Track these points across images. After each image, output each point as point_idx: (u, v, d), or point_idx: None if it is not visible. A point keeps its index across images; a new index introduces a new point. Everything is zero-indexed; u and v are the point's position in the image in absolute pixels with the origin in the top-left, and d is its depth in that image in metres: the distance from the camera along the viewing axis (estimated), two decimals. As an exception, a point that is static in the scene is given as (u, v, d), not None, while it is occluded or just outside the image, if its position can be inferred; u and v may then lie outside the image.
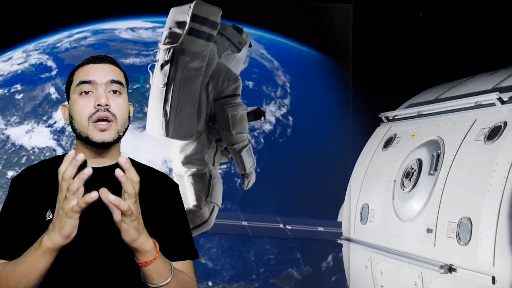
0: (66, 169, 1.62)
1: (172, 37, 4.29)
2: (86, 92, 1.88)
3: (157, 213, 1.94)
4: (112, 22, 9.62)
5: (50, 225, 1.66)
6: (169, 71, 4.30)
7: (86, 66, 1.92)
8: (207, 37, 4.30)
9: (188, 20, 4.27)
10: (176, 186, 2.08)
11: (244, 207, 9.40)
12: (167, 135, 4.43)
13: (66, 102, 1.99)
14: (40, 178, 1.93)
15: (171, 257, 1.90)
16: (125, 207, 1.62)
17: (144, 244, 1.72)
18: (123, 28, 10.02)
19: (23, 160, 8.86)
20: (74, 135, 1.96)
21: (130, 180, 1.63)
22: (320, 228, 8.14)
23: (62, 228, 1.63)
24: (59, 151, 9.07)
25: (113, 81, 1.90)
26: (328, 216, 7.32)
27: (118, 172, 1.61)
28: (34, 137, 9.14)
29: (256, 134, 9.80)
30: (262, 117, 4.87)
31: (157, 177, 2.06)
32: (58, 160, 1.96)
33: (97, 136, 1.87)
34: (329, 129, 8.61)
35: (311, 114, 9.14)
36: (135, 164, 1.99)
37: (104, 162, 1.95)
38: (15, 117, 9.20)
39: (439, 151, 3.86)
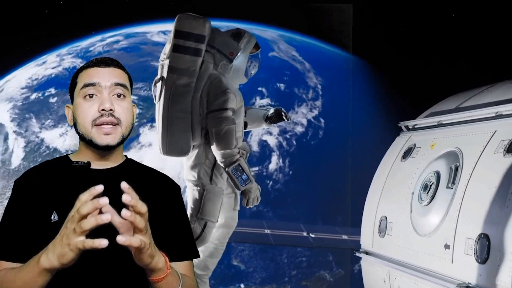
0: (85, 205, 1.51)
1: (165, 53, 4.25)
2: (91, 96, 1.85)
3: (158, 214, 1.86)
4: (144, 25, 9.73)
5: (50, 245, 1.59)
6: (160, 88, 4.25)
7: (90, 69, 1.89)
8: (193, 52, 4.15)
9: (171, 36, 4.17)
10: (177, 187, 2.02)
11: (276, 209, 9.39)
12: (161, 153, 4.37)
13: (70, 103, 1.95)
14: (44, 179, 1.89)
15: (172, 258, 1.83)
16: (137, 244, 1.55)
17: (157, 264, 1.66)
18: (155, 31, 10.12)
19: (57, 163, 8.99)
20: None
21: (138, 214, 1.54)
22: (345, 237, 8.04)
23: (63, 256, 1.57)
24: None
25: (117, 84, 1.88)
26: (356, 223, 7.20)
27: (124, 213, 1.50)
28: (68, 140, 9.28)
29: (288, 136, 9.77)
30: (284, 116, 4.67)
31: (159, 178, 2.01)
32: (61, 160, 1.97)
33: (101, 140, 1.84)
34: (362, 132, 8.49)
35: (343, 117, 9.03)
36: (137, 166, 2.01)
37: (107, 164, 1.92)
38: (49, 120, 9.37)
39: (458, 164, 3.71)
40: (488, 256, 3.21)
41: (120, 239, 1.52)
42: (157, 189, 1.95)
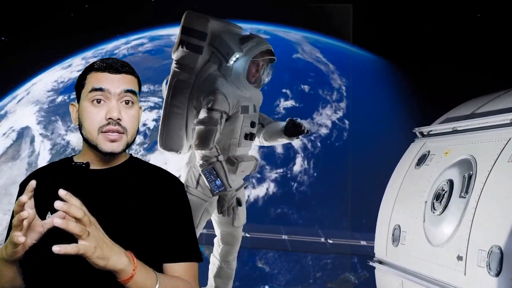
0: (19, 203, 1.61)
1: None
2: (98, 101, 1.82)
3: (161, 213, 1.87)
4: (168, 28, 9.74)
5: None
6: (168, 83, 4.28)
7: (100, 74, 1.85)
8: (196, 49, 4.16)
9: (179, 32, 4.22)
10: (181, 186, 1.99)
11: (300, 211, 9.35)
12: (159, 146, 4.37)
13: (76, 102, 1.92)
14: (45, 180, 1.87)
15: (172, 258, 1.85)
16: (73, 251, 1.53)
17: (116, 265, 1.62)
18: (179, 33, 10.14)
19: (83, 165, 9.10)
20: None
21: (76, 220, 1.54)
22: (363, 242, 7.93)
23: (5, 247, 1.66)
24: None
25: (127, 91, 1.85)
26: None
27: (55, 220, 1.53)
28: (93, 142, 9.38)
29: (312, 138, 9.70)
30: (299, 127, 4.47)
31: (162, 176, 1.97)
32: (64, 161, 1.99)
33: (106, 147, 1.82)
34: (387, 134, 8.38)
35: (368, 118, 8.93)
36: (140, 164, 2.00)
37: (107, 164, 1.91)
38: (75, 122, 9.46)
39: (471, 172, 3.59)
40: (501, 269, 3.10)
41: (55, 248, 1.50)
42: (160, 187, 1.92)
